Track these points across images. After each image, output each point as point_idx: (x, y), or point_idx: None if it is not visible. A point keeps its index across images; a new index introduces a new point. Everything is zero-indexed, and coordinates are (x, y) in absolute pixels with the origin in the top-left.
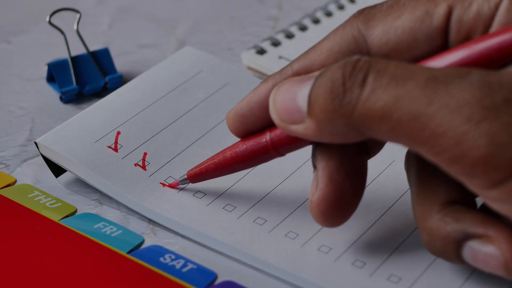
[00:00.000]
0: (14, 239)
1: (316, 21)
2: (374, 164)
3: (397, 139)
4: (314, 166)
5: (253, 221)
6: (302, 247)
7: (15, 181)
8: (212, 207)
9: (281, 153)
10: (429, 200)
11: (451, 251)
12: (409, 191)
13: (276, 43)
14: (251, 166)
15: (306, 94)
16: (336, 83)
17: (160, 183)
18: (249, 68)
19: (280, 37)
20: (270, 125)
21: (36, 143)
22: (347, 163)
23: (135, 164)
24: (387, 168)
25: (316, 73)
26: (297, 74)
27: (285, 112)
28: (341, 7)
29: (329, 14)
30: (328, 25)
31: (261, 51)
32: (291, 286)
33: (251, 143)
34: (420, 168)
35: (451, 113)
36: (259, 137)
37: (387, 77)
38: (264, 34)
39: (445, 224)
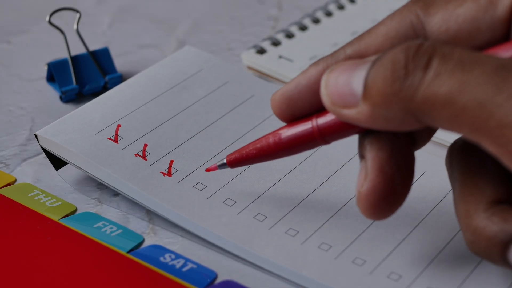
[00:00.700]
0: (14, 238)
1: (316, 21)
2: None
3: (458, 128)
4: (362, 156)
5: (253, 217)
6: (302, 244)
7: (15, 181)
8: (213, 201)
9: (327, 141)
10: (475, 198)
11: (497, 252)
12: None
13: (276, 43)
14: (295, 153)
15: (362, 77)
16: (397, 65)
17: (161, 172)
18: (249, 68)
19: (280, 37)
20: (317, 111)
21: (36, 136)
22: (397, 154)
23: (136, 154)
24: None
25: (373, 58)
26: (350, 58)
27: (338, 95)
28: (341, 7)
29: (329, 14)
30: (328, 25)
31: (261, 51)
32: (291, 285)
33: (296, 128)
34: (464, 165)
35: None
36: (305, 123)
37: (453, 62)
38: (264, 34)
39: (492, 224)
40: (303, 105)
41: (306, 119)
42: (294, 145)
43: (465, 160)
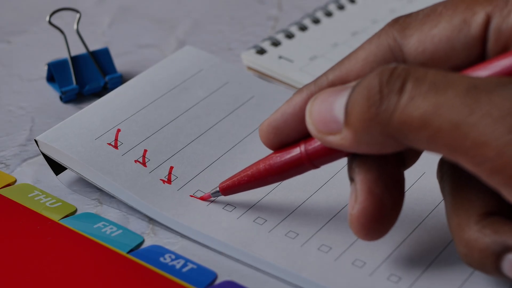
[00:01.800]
0: (14, 239)
1: (316, 21)
2: None
3: (436, 148)
4: (351, 179)
5: (253, 221)
6: (302, 246)
7: (15, 181)
8: (212, 207)
9: (316, 165)
10: (466, 211)
11: (490, 263)
12: (410, 190)
13: (276, 43)
14: (285, 179)
15: (343, 104)
16: (372, 90)
17: (160, 179)
18: (249, 68)
19: (280, 37)
20: (304, 136)
21: (36, 141)
22: (386, 175)
23: (135, 161)
24: None
25: (353, 83)
26: (332, 84)
27: (322, 123)
28: (341, 7)
29: (329, 14)
30: (328, 25)
31: (261, 51)
32: (291, 286)
33: (285, 155)
34: (455, 178)
35: (493, 122)
36: (293, 149)
37: (427, 85)
38: (264, 34)
39: (484, 236)
40: (291, 133)
41: (294, 146)
42: (284, 171)
43: (456, 173)
